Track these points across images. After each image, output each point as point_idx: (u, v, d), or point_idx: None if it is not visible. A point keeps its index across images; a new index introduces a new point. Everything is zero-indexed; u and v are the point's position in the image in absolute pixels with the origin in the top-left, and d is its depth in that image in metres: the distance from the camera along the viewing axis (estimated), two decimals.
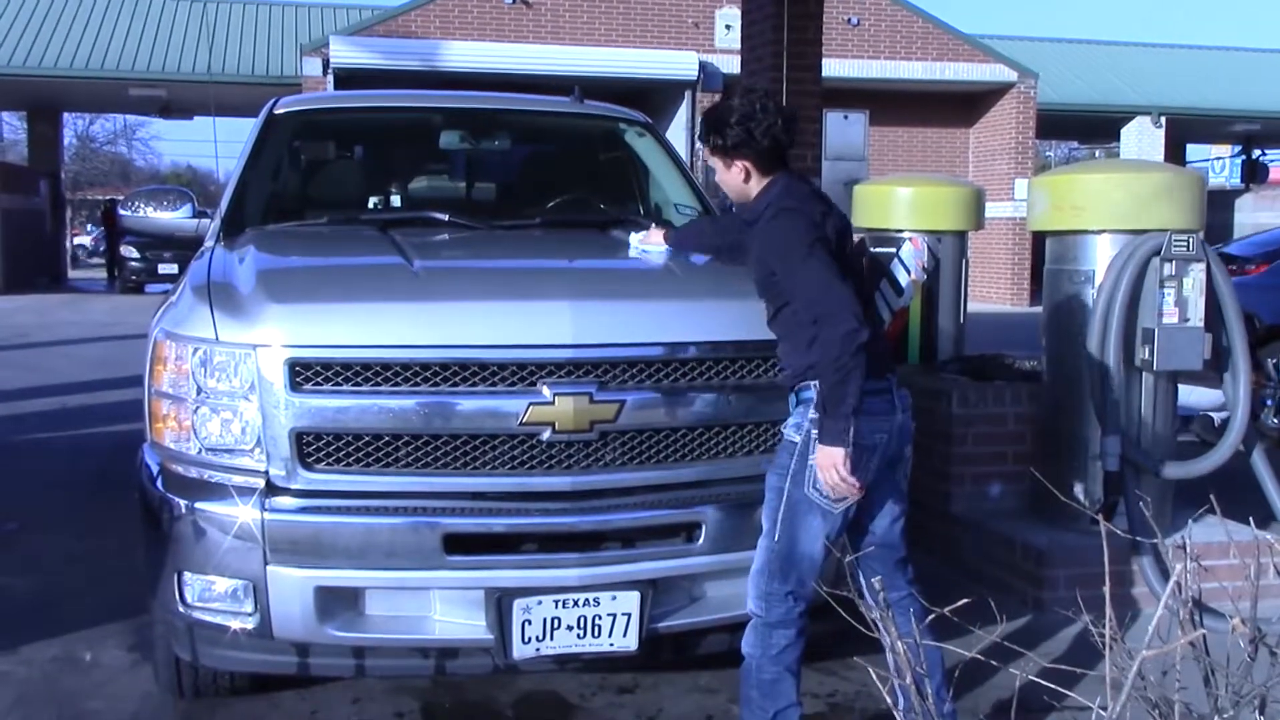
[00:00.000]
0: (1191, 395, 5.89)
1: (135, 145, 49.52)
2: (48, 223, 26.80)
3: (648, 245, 3.70)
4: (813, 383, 2.80)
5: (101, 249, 33.11)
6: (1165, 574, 4.15)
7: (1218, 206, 22.51)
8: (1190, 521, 4.51)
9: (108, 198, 34.84)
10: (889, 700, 2.15)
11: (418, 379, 2.91)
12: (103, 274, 28.42)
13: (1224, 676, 2.04)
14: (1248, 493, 4.14)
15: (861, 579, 2.96)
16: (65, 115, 32.37)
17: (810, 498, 2.81)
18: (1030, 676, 2.12)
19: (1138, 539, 4.18)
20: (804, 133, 8.03)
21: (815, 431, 2.78)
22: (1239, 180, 31.66)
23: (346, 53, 19.45)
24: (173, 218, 4.49)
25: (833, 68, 12.44)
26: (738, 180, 3.02)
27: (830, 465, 2.73)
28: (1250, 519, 2.76)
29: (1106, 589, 2.05)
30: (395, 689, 3.61)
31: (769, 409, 3.11)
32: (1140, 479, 4.32)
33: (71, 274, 29.96)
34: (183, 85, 21.84)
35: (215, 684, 3.42)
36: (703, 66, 20.51)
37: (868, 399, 2.77)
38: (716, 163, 3.04)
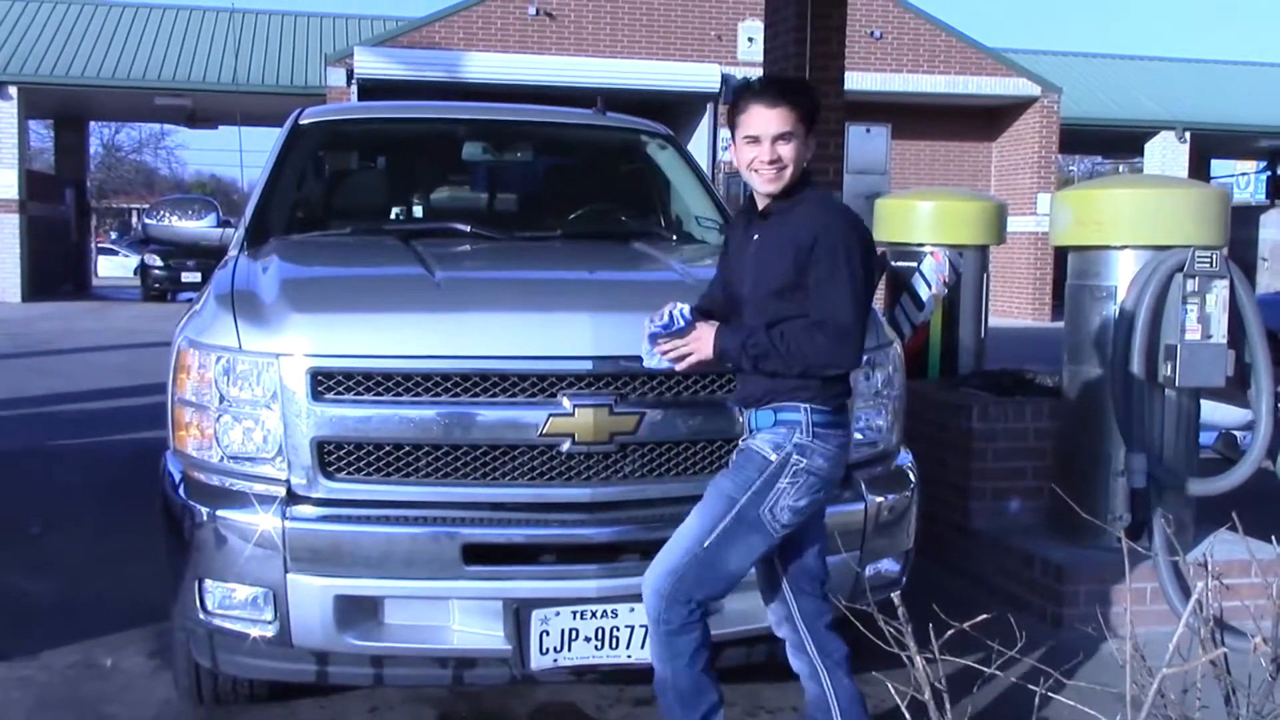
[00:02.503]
0: (1215, 413, 5.85)
1: (160, 154, 49.99)
2: (73, 231, 27.05)
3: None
4: (801, 405, 2.72)
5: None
6: (1187, 592, 4.11)
7: (1242, 223, 22.29)
8: (1212, 539, 4.49)
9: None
10: (906, 715, 2.14)
11: (438, 389, 2.93)
12: (125, 281, 28.65)
13: (1245, 695, 2.03)
14: (1272, 511, 4.10)
15: (793, 602, 2.92)
16: (91, 124, 32.65)
17: (763, 519, 2.73)
18: (1050, 693, 2.11)
19: (1159, 556, 4.16)
20: (826, 146, 8.03)
21: (797, 456, 2.71)
22: (1264, 196, 31.41)
23: (371, 63, 19.57)
24: (198, 226, 4.54)
25: (855, 81, 12.46)
26: (805, 156, 2.87)
27: (697, 346, 2.73)
28: (1273, 537, 2.74)
29: (1128, 606, 2.04)
30: (413, 698, 3.61)
31: None
32: (1163, 496, 4.29)
33: (95, 282, 30.20)
34: (208, 95, 22.03)
35: (234, 691, 3.43)
36: (725, 79, 20.52)
37: (842, 433, 2.77)
38: (802, 134, 2.85)
